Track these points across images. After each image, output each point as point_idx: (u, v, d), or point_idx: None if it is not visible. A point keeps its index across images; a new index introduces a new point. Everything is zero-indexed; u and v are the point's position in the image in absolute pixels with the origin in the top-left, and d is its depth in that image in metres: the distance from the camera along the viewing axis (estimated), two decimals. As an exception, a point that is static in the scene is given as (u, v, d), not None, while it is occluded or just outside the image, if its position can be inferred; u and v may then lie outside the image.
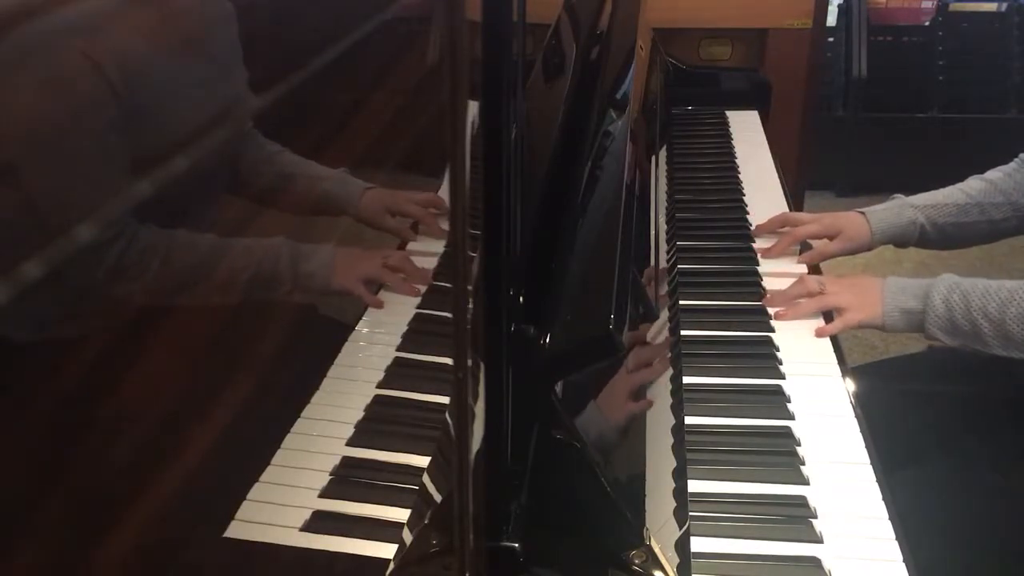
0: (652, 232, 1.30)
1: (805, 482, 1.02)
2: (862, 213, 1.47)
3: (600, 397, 0.94)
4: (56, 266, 0.33)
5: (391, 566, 0.57)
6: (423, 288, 0.63)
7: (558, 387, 0.83)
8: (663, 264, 1.42)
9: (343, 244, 0.61)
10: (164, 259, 0.41)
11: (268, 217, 0.53)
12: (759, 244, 1.53)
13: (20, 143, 0.32)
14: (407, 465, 0.63)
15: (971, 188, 1.49)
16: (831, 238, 1.47)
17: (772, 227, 1.53)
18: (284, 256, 0.53)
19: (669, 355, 1.19)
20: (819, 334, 1.29)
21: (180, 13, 0.44)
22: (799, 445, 1.08)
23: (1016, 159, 1.50)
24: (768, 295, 1.36)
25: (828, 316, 1.33)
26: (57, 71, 0.34)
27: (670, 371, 1.19)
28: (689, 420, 1.10)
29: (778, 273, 1.44)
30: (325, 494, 0.57)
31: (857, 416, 1.13)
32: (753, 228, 1.56)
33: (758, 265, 1.46)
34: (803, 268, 1.47)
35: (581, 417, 0.88)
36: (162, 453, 0.40)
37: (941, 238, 1.49)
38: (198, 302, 0.45)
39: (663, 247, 1.46)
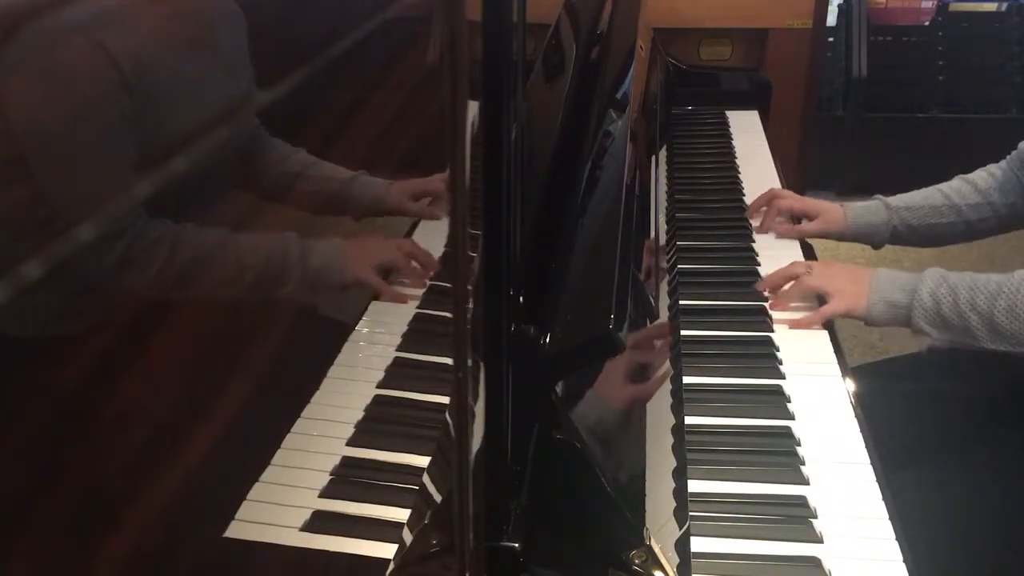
0: (652, 232, 1.30)
1: (805, 482, 1.03)
2: (842, 206, 1.56)
3: (600, 396, 0.94)
4: (68, 258, 0.34)
5: (391, 566, 0.57)
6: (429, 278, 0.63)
7: (558, 387, 0.83)
8: (663, 264, 1.42)
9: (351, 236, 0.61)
10: (171, 251, 0.41)
11: (283, 216, 0.53)
12: (755, 225, 1.61)
13: (34, 134, 0.33)
14: (407, 465, 0.63)
15: (951, 189, 1.53)
16: (811, 218, 1.57)
17: (761, 203, 1.63)
18: (293, 252, 0.52)
19: (669, 356, 1.19)
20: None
21: (188, 11, 0.45)
22: (799, 445, 1.08)
23: (1005, 159, 1.52)
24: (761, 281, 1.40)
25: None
26: (73, 63, 0.35)
27: (670, 371, 1.19)
28: (689, 420, 1.10)
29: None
30: (325, 494, 0.57)
31: (857, 416, 1.13)
32: (748, 209, 1.65)
33: (758, 265, 1.46)
34: (799, 256, 1.50)
35: (581, 417, 0.88)
36: (162, 452, 0.40)
37: (916, 238, 1.55)
38: (203, 297, 0.45)
39: (663, 247, 1.46)
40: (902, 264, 2.89)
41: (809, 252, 1.54)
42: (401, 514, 0.60)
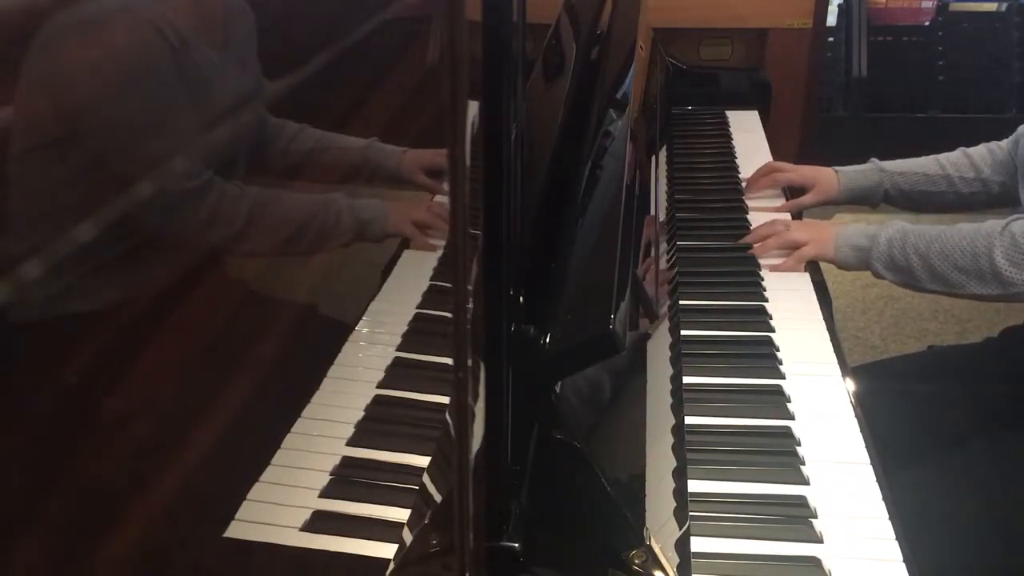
0: (653, 232, 1.30)
1: (805, 482, 1.03)
2: (836, 170, 1.64)
3: (600, 396, 0.94)
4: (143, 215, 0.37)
5: (391, 566, 0.57)
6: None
7: (558, 387, 0.83)
8: (663, 264, 1.42)
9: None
10: (249, 210, 0.45)
11: (310, 186, 0.56)
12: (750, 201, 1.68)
13: (99, 103, 0.35)
14: (407, 465, 0.63)
15: (947, 160, 1.58)
16: (807, 189, 1.64)
17: (759, 175, 1.71)
18: (344, 206, 0.58)
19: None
20: (775, 269, 1.44)
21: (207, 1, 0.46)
22: (799, 445, 1.08)
23: (1008, 138, 1.53)
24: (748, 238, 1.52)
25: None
26: (125, 35, 0.37)
27: (670, 371, 1.19)
28: (689, 420, 1.10)
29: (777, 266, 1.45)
30: (325, 494, 0.57)
31: (857, 416, 1.13)
32: (744, 183, 1.73)
33: (758, 265, 1.46)
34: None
35: (581, 417, 0.88)
36: (162, 452, 0.40)
37: (908, 203, 1.62)
38: (267, 254, 0.49)
39: (663, 247, 1.47)
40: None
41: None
42: (401, 514, 0.60)
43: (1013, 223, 1.27)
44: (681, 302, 1.35)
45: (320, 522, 0.56)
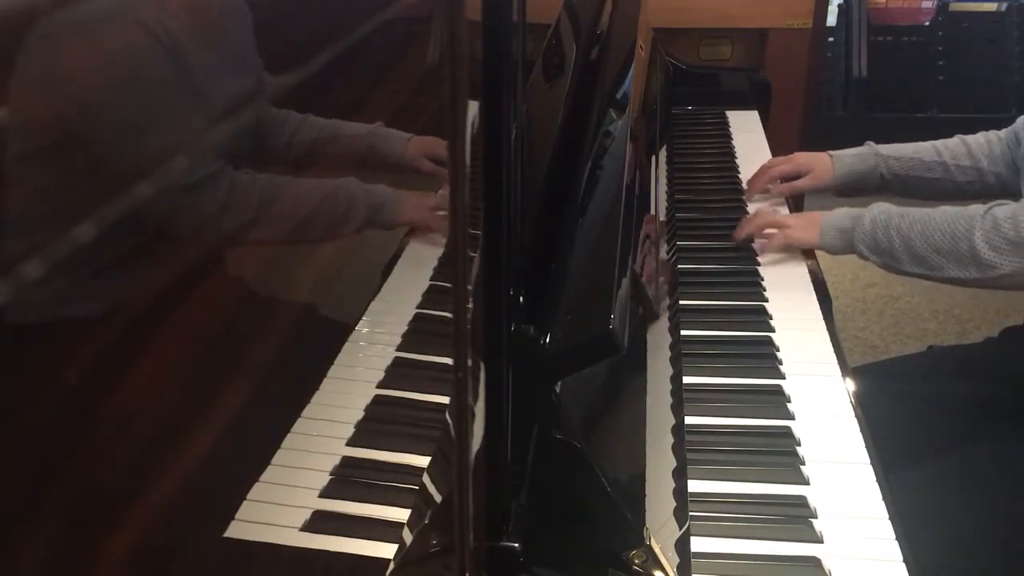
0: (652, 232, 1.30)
1: (805, 482, 1.03)
2: (831, 155, 1.63)
3: (601, 396, 0.94)
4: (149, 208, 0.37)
5: (391, 566, 0.57)
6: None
7: (558, 387, 0.83)
8: (663, 264, 1.42)
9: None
10: (260, 197, 0.46)
11: (315, 177, 0.56)
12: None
13: (92, 107, 0.35)
14: (407, 465, 0.63)
15: (944, 147, 1.58)
16: (803, 175, 1.64)
17: (755, 178, 1.71)
18: (357, 190, 0.57)
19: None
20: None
21: (200, 2, 0.46)
22: (799, 445, 1.08)
23: (1010, 127, 1.53)
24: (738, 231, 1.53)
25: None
26: (117, 37, 0.37)
27: (670, 371, 1.19)
28: (689, 420, 1.10)
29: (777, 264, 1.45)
30: (325, 494, 0.57)
31: (857, 416, 1.13)
32: (745, 184, 1.73)
33: (758, 265, 1.46)
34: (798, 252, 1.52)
35: (582, 417, 0.88)
36: (163, 452, 0.40)
37: (903, 188, 1.61)
38: (280, 241, 0.49)
39: (663, 247, 1.47)
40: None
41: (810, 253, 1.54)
42: (401, 514, 0.60)
43: (996, 207, 1.26)
44: (681, 302, 1.35)
45: (320, 522, 0.56)
